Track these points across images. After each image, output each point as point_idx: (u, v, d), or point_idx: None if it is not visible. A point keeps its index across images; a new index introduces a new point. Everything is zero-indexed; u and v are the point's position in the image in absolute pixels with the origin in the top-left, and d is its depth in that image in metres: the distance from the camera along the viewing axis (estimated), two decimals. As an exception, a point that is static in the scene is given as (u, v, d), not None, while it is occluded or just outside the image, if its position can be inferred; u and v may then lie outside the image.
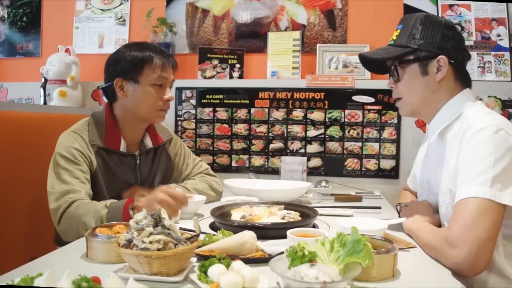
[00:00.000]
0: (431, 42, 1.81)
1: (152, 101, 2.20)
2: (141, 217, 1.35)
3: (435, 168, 1.93)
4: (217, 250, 1.41)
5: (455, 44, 1.83)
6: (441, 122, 1.85)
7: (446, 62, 1.79)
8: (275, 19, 3.61)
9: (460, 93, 1.85)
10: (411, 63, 1.85)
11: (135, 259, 1.24)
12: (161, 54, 2.23)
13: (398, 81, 1.89)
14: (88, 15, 3.92)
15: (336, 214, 2.18)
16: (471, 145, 1.62)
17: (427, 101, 1.87)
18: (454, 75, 1.84)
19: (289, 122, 3.42)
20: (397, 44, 1.89)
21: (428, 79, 1.83)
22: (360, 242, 1.18)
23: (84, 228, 1.85)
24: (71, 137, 2.14)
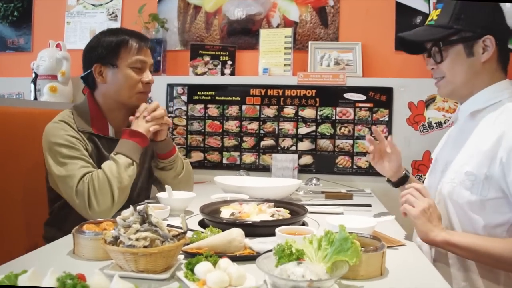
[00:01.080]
0: (476, 22, 1.75)
1: (132, 83, 2.19)
2: (128, 214, 1.33)
3: (450, 148, 1.93)
4: (205, 247, 1.40)
5: (502, 23, 1.80)
6: (476, 104, 1.82)
7: (493, 43, 1.73)
8: (267, 16, 3.61)
9: (501, 82, 1.80)
10: (455, 44, 1.78)
11: (121, 256, 1.23)
12: (137, 37, 2.22)
13: (441, 62, 1.82)
14: (79, 10, 3.91)
15: (326, 211, 2.16)
16: None
17: (469, 82, 1.81)
18: (498, 56, 1.78)
19: (281, 119, 3.42)
20: (438, 24, 1.81)
21: (473, 60, 1.77)
22: (348, 240, 1.17)
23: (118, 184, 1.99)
24: (61, 126, 2.11)
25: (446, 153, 1.96)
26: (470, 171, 1.70)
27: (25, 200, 2.49)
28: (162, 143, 2.28)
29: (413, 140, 3.26)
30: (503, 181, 1.61)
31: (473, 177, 1.68)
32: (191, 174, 2.49)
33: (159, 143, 2.27)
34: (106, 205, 1.96)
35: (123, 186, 2.01)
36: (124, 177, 2.01)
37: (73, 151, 2.05)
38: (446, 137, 2.13)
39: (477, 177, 1.67)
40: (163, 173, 2.34)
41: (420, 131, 3.26)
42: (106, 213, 1.94)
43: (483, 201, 1.66)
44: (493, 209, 1.66)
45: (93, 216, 1.91)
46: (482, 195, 1.66)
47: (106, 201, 1.96)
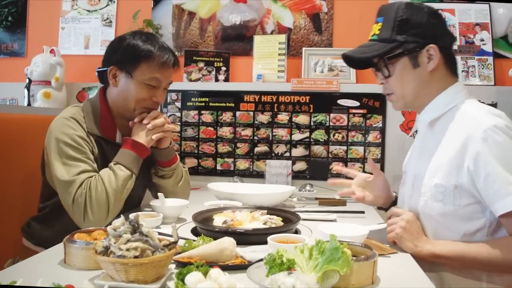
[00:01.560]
0: (418, 32, 1.75)
1: (140, 99, 2.12)
2: (119, 224, 1.33)
3: (416, 160, 1.92)
4: (196, 256, 1.40)
5: (442, 30, 1.80)
6: (433, 112, 1.81)
7: (437, 51, 1.74)
8: (261, 22, 3.62)
9: (454, 85, 1.81)
10: (400, 57, 1.77)
11: (112, 266, 1.23)
12: (163, 52, 2.11)
13: (389, 77, 1.82)
14: (74, 16, 3.91)
15: (319, 219, 2.17)
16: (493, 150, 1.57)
17: (420, 93, 1.81)
18: (444, 63, 1.78)
19: (274, 126, 3.42)
20: (381, 39, 1.80)
21: (420, 70, 1.77)
22: (338, 249, 1.17)
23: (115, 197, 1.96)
24: (71, 124, 2.04)
25: (413, 165, 1.95)
26: (439, 183, 1.70)
27: (19, 206, 2.48)
28: (164, 151, 2.26)
29: (407, 145, 3.22)
30: (473, 188, 1.62)
31: (443, 189, 1.69)
32: (189, 182, 2.48)
33: (162, 150, 2.25)
34: (100, 216, 1.94)
35: (120, 198, 1.99)
36: (122, 190, 1.99)
37: (78, 153, 1.99)
38: (411, 148, 2.12)
39: (447, 188, 1.67)
40: (162, 180, 2.31)
41: (414, 137, 3.26)
42: (100, 223, 1.91)
43: (457, 210, 1.67)
44: (469, 216, 1.66)
45: (86, 225, 1.88)
46: (455, 204, 1.67)
47: (102, 212, 1.94)
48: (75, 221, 1.95)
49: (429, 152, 1.80)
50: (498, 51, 3.39)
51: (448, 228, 1.70)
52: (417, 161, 1.91)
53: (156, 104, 2.18)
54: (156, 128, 2.14)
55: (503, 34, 3.41)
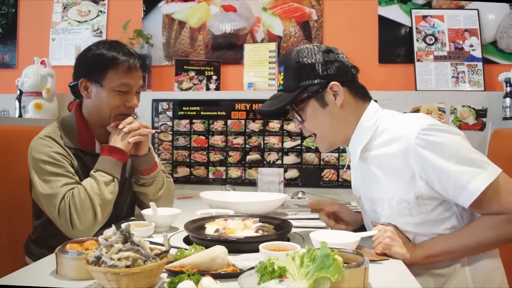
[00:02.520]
0: (317, 74, 1.78)
1: (113, 106, 2.14)
2: (110, 233, 1.33)
3: (365, 186, 1.93)
4: (188, 265, 1.39)
5: (339, 65, 1.81)
6: (360, 142, 1.82)
7: (340, 86, 1.78)
8: (252, 30, 3.64)
9: (367, 108, 1.84)
10: (307, 100, 1.81)
11: (103, 276, 1.23)
12: (129, 57, 2.13)
13: (304, 121, 1.86)
14: (64, 27, 3.92)
15: (311, 226, 2.17)
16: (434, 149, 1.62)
17: (338, 129, 1.85)
18: (352, 95, 1.83)
19: (266, 134, 3.42)
20: (286, 89, 1.84)
21: (330, 108, 1.81)
22: (329, 257, 1.17)
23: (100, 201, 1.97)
24: (47, 142, 2.07)
25: (363, 191, 1.96)
26: (400, 199, 1.72)
27: (9, 218, 2.48)
28: (143, 159, 2.25)
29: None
30: (433, 192, 1.66)
31: (406, 203, 1.71)
32: (171, 191, 2.46)
33: (141, 158, 2.24)
34: (88, 222, 1.94)
35: (105, 202, 2.00)
36: (106, 194, 1.99)
37: (57, 168, 2.02)
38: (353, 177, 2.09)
39: (409, 202, 1.70)
40: (143, 188, 2.30)
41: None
42: (89, 230, 1.92)
43: (426, 217, 1.70)
44: (439, 218, 1.71)
45: (76, 234, 1.89)
46: (422, 213, 1.70)
47: (88, 218, 1.94)
48: (63, 232, 1.96)
49: (374, 177, 1.82)
50: (488, 56, 3.41)
51: (424, 235, 1.73)
52: (366, 187, 1.92)
53: (130, 109, 2.20)
54: (132, 131, 2.14)
55: (492, 40, 3.44)
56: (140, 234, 1.36)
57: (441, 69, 3.37)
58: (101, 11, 3.87)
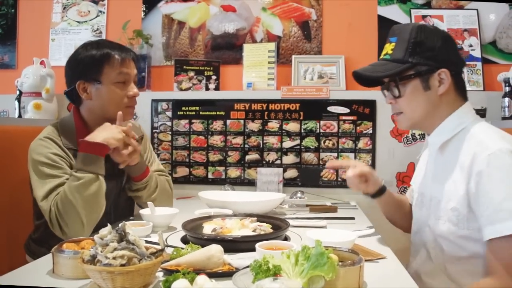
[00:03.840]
0: (431, 56, 1.76)
1: (118, 99, 2.16)
2: (106, 232, 1.33)
3: (431, 182, 1.92)
4: (183, 264, 1.39)
5: (454, 54, 1.81)
6: (444, 135, 1.82)
7: (448, 75, 1.76)
8: (251, 30, 3.64)
9: (462, 106, 1.82)
10: (412, 79, 1.78)
11: (99, 275, 1.23)
12: (119, 49, 2.17)
13: (399, 97, 1.83)
14: (64, 27, 3.91)
15: (309, 225, 2.17)
16: (493, 173, 1.58)
17: (429, 115, 1.83)
18: (454, 87, 1.81)
19: (265, 134, 3.42)
20: (394, 59, 1.81)
21: (430, 93, 1.79)
22: (324, 255, 1.17)
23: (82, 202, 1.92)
24: (46, 143, 2.08)
25: (428, 187, 1.95)
26: (454, 206, 1.71)
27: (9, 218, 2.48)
28: (135, 167, 2.22)
29: (397, 152, 3.28)
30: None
31: (457, 213, 1.70)
32: (168, 191, 2.44)
33: (133, 166, 2.21)
34: (75, 224, 1.92)
35: (90, 203, 1.95)
36: (87, 194, 1.94)
37: (54, 169, 2.02)
38: (423, 168, 2.09)
39: (460, 212, 1.68)
40: (136, 193, 2.30)
41: (404, 143, 3.28)
42: (78, 232, 1.90)
43: (472, 234, 1.67)
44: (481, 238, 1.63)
45: (67, 236, 1.89)
46: (470, 228, 1.67)
47: (73, 221, 1.91)
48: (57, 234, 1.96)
49: (442, 175, 1.81)
50: (487, 56, 3.42)
51: (461, 248, 1.72)
52: (432, 183, 1.92)
53: (133, 99, 2.22)
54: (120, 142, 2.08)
55: (492, 40, 3.44)
56: (137, 233, 1.36)
57: (440, 69, 3.36)
58: (101, 11, 3.87)
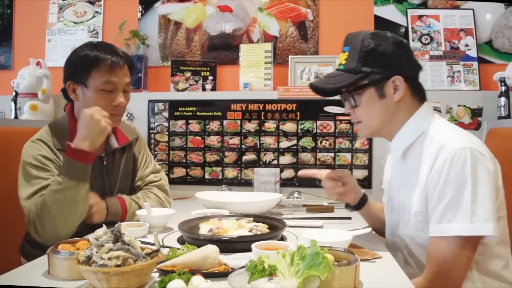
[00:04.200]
0: (383, 63, 1.74)
1: (100, 107, 2.04)
2: (101, 233, 1.33)
3: (397, 188, 1.93)
4: (179, 265, 1.39)
5: (407, 60, 1.79)
6: (404, 141, 1.82)
7: (402, 82, 1.74)
8: (247, 31, 3.65)
9: (420, 108, 1.81)
10: (366, 88, 1.77)
11: (94, 275, 1.23)
12: (112, 55, 2.09)
13: (356, 107, 1.82)
14: (60, 28, 3.92)
15: (305, 225, 2.17)
16: (446, 174, 1.59)
17: (387, 122, 1.82)
18: (410, 92, 1.80)
19: (262, 134, 3.43)
20: (347, 69, 1.78)
21: (386, 101, 1.77)
22: (319, 255, 1.17)
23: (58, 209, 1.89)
24: (37, 145, 2.07)
25: (395, 192, 1.95)
26: (417, 210, 1.72)
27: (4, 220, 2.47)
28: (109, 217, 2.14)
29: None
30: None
31: (420, 217, 1.71)
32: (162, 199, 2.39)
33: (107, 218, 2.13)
34: (49, 228, 1.91)
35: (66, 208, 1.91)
36: (64, 199, 1.90)
37: (41, 172, 2.01)
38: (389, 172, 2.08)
39: (423, 216, 1.70)
40: None
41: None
42: (52, 236, 1.87)
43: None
44: None
45: (41, 239, 1.92)
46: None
47: (48, 224, 1.90)
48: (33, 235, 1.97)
49: (406, 182, 1.81)
50: (483, 56, 3.42)
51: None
52: (398, 189, 1.92)
53: (118, 108, 2.16)
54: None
55: (488, 39, 3.45)
56: (134, 234, 1.36)
57: (436, 69, 3.37)
58: (97, 12, 3.87)
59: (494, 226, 1.54)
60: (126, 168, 2.36)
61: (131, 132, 2.43)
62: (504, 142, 2.71)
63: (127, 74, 2.18)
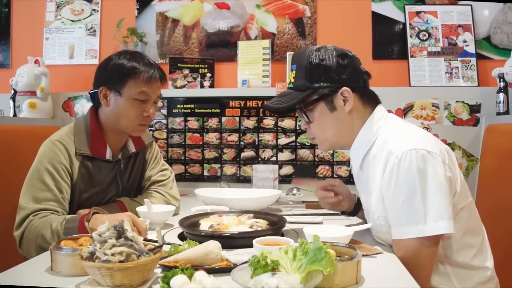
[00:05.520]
0: (329, 77, 1.76)
1: (131, 116, 2.16)
2: (104, 229, 1.33)
3: (363, 194, 1.94)
4: (182, 260, 1.40)
5: (352, 71, 1.79)
6: (361, 149, 1.82)
7: (350, 93, 1.76)
8: (245, 28, 3.64)
9: (372, 114, 1.82)
10: (316, 103, 1.79)
11: (97, 271, 1.23)
12: (149, 67, 2.16)
13: (311, 123, 1.84)
14: (58, 26, 3.90)
15: (305, 221, 2.18)
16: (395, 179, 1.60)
17: (342, 133, 1.84)
18: (361, 100, 1.81)
19: (260, 131, 3.43)
20: (296, 87, 1.82)
21: (337, 113, 1.79)
22: (322, 250, 1.17)
23: (43, 241, 1.87)
24: (55, 148, 2.09)
25: (362, 199, 1.97)
26: (380, 215, 1.74)
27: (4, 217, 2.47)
28: None
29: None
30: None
31: (383, 221, 1.73)
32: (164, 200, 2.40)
33: None
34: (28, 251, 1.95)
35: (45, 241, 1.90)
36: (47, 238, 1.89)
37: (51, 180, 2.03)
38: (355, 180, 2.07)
39: (385, 221, 1.71)
40: None
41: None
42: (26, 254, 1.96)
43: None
44: None
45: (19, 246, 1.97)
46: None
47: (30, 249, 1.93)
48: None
49: (367, 188, 1.82)
50: (481, 52, 3.42)
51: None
52: (364, 196, 1.93)
53: (148, 118, 2.21)
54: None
55: (486, 35, 3.44)
56: (134, 230, 1.36)
57: (434, 65, 3.37)
58: (95, 9, 3.85)
59: (448, 223, 1.55)
60: (137, 170, 2.42)
61: (147, 136, 2.48)
62: (502, 138, 2.72)
63: (160, 87, 2.24)
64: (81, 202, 2.16)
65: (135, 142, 2.37)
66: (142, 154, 2.46)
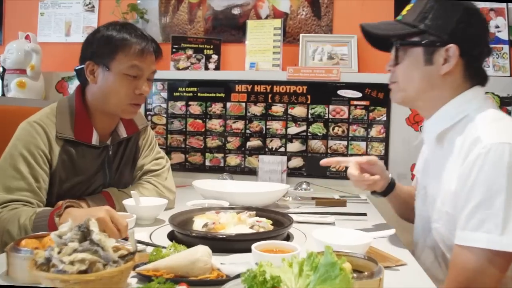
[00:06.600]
0: (443, 26, 1.55)
1: (122, 93, 1.96)
2: (66, 229, 1.09)
3: (431, 177, 1.72)
4: (163, 269, 1.20)
5: (473, 33, 1.56)
6: (441, 123, 1.61)
7: (456, 53, 1.52)
8: (255, 6, 3.49)
9: (468, 90, 1.59)
10: (414, 46, 1.59)
11: (51, 283, 1.00)
12: (141, 39, 1.97)
13: (397, 64, 1.65)
14: (54, 1, 3.79)
15: (315, 221, 2.01)
16: (477, 172, 1.39)
17: (424, 94, 1.63)
18: (463, 71, 1.58)
19: (268, 118, 3.29)
20: (404, 21, 1.63)
21: (430, 69, 1.58)
22: (335, 266, 0.95)
23: (9, 238, 1.68)
24: (33, 130, 1.90)
25: (428, 183, 1.77)
26: (446, 211, 1.54)
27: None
28: None
29: (413, 141, 3.07)
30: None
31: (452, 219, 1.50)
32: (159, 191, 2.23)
33: None
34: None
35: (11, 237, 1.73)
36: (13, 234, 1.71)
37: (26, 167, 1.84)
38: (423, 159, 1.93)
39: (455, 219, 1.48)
40: None
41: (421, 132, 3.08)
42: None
43: None
44: None
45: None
46: None
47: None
48: None
49: (438, 172, 1.62)
50: (515, 39, 3.25)
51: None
52: (426, 178, 1.76)
53: (140, 97, 2.02)
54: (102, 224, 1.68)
55: (521, 21, 3.27)
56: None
57: (462, 52, 3.17)
58: (93, -17, 3.72)
59: None
60: (128, 158, 2.24)
61: (140, 119, 2.30)
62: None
63: (154, 62, 2.07)
64: (61, 192, 1.96)
65: (127, 126, 2.18)
66: (134, 140, 2.26)
